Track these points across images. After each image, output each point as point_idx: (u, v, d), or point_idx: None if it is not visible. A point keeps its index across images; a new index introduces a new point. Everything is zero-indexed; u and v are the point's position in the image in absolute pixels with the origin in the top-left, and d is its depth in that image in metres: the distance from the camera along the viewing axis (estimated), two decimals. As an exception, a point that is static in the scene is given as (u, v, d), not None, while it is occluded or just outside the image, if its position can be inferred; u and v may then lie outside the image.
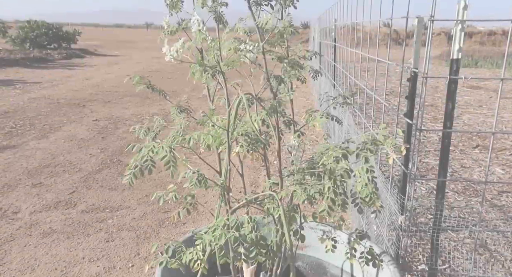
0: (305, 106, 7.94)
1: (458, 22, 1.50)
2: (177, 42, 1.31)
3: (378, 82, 10.45)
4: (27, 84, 9.81)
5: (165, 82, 10.82)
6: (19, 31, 19.23)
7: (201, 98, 8.39)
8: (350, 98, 1.68)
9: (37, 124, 6.10)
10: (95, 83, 10.38)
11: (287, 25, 1.13)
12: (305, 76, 1.49)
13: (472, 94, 9.26)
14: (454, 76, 1.56)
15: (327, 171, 1.16)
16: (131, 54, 21.05)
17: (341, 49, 4.96)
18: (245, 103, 1.08)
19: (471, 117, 6.85)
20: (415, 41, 1.67)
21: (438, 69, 14.92)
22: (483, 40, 29.59)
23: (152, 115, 6.81)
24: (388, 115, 6.73)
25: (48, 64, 14.61)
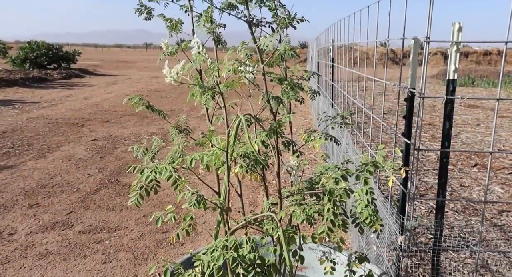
0: (304, 125, 7.98)
1: (453, 44, 1.52)
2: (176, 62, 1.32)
3: (376, 101, 10.54)
4: (26, 104, 9.84)
5: (164, 101, 10.88)
6: (20, 52, 19.40)
7: (199, 117, 8.42)
8: (349, 118, 1.69)
9: (35, 144, 6.09)
10: (94, 102, 10.42)
11: (288, 48, 1.14)
12: (303, 97, 1.50)
13: (469, 113, 9.31)
14: (451, 96, 1.58)
15: (326, 191, 1.16)
16: (130, 73, 21.20)
17: (339, 68, 5.01)
18: (244, 124, 1.08)
19: (469, 136, 6.87)
20: (411, 61, 1.69)
21: (436, 88, 15.05)
22: (479, 60, 29.99)
23: (150, 135, 6.83)
24: (386, 134, 6.75)
25: (47, 84, 14.68)
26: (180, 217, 1.45)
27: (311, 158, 5.34)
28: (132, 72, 22.08)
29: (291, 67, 1.69)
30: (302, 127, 7.75)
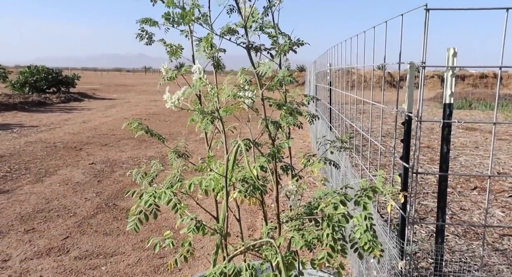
0: (302, 148, 7.98)
1: (448, 68, 1.54)
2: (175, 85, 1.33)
3: (374, 124, 10.58)
4: (24, 128, 9.85)
5: (162, 124, 10.91)
6: (19, 76, 19.55)
7: (198, 140, 8.42)
8: (347, 142, 1.70)
9: (33, 168, 6.07)
10: (92, 126, 10.44)
11: (287, 74, 1.16)
12: (301, 122, 1.51)
13: (467, 135, 9.35)
14: (448, 120, 1.59)
15: (325, 217, 1.15)
16: (129, 97, 21.33)
17: (337, 92, 5.05)
18: (243, 150, 1.09)
19: (468, 159, 6.87)
20: (408, 86, 1.71)
21: (433, 110, 15.15)
22: (476, 83, 30.32)
23: (149, 158, 6.82)
24: (385, 157, 6.75)
25: (46, 108, 14.74)
26: (178, 242, 1.43)
27: (310, 182, 5.32)
28: (131, 96, 22.21)
29: (291, 90, 1.71)
30: (300, 150, 7.75)
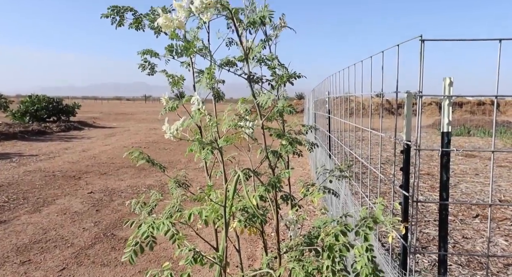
0: (302, 176, 7.95)
1: (445, 97, 1.56)
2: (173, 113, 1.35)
3: (373, 151, 10.59)
4: (23, 157, 9.84)
5: (162, 153, 10.91)
6: (20, 105, 19.69)
7: (197, 168, 8.40)
8: (347, 170, 1.70)
9: (31, 197, 6.02)
10: (92, 155, 10.43)
11: (286, 105, 1.18)
12: (301, 150, 1.51)
13: (467, 162, 9.34)
14: (446, 148, 1.60)
15: (325, 247, 1.14)
16: (128, 125, 21.42)
17: (336, 119, 5.08)
18: (242, 180, 1.09)
19: (469, 186, 6.84)
20: (405, 114, 1.72)
21: (432, 137, 15.19)
22: (473, 110, 30.53)
23: (148, 187, 6.78)
24: (385, 184, 6.72)
25: (46, 137, 14.77)
26: (177, 273, 1.41)
27: (310, 210, 5.28)
28: (130, 124, 22.31)
29: (289, 119, 1.72)
30: (300, 177, 7.73)
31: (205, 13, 1.13)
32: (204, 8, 1.08)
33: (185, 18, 1.13)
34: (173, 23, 1.11)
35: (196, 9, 1.09)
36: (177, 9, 1.13)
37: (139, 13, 1.85)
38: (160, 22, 1.12)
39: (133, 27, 1.84)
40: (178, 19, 1.12)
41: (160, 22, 1.13)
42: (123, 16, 1.83)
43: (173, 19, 1.12)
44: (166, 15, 1.11)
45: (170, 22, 1.11)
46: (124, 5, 1.85)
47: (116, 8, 1.82)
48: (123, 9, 1.82)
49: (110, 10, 1.82)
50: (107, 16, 1.82)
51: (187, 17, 1.14)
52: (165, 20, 1.10)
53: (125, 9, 1.83)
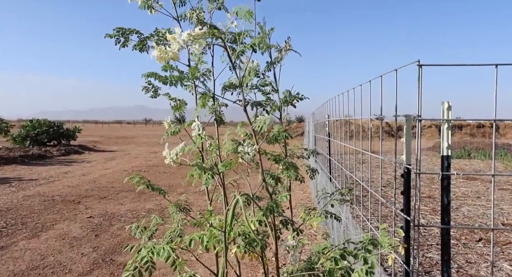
0: (303, 199, 7.91)
1: (444, 121, 1.58)
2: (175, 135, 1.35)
3: (374, 174, 10.55)
4: (23, 182, 9.80)
5: (162, 176, 10.88)
6: (21, 130, 19.74)
7: (197, 192, 8.36)
8: (347, 194, 1.70)
9: (29, 222, 5.97)
10: (91, 179, 10.40)
11: (281, 130, 1.19)
12: (302, 176, 1.51)
13: (468, 185, 9.30)
14: (446, 172, 1.60)
15: (326, 272, 1.12)
16: (129, 149, 21.42)
17: (336, 142, 5.09)
18: (241, 205, 1.09)
19: (470, 209, 6.79)
20: (405, 138, 1.73)
21: (433, 160, 15.17)
22: (473, 132, 30.57)
23: (148, 211, 6.73)
24: (386, 207, 6.67)
25: (46, 161, 14.76)
26: (176, 302, 1.38)
27: (311, 234, 5.23)
28: (131, 148, 22.32)
29: (291, 143, 1.73)
30: (301, 200, 7.68)
31: (195, 44, 1.15)
32: (193, 40, 1.10)
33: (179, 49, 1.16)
34: (167, 55, 1.13)
35: (184, 42, 1.11)
36: (171, 42, 1.15)
37: (144, 36, 1.89)
38: (155, 55, 1.14)
39: (137, 49, 1.88)
40: (172, 51, 1.14)
41: (154, 54, 1.15)
42: (127, 37, 1.86)
43: (168, 51, 1.14)
44: (160, 47, 1.14)
45: (164, 54, 1.13)
46: (130, 27, 1.89)
47: (122, 29, 1.86)
48: (128, 31, 1.86)
49: (115, 31, 1.86)
50: (111, 36, 1.85)
51: (180, 49, 1.16)
52: (159, 52, 1.12)
53: (130, 31, 1.86)
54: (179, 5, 1.95)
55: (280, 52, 1.64)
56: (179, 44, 1.13)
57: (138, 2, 1.78)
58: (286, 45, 1.65)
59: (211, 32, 1.13)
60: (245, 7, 1.13)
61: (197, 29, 1.11)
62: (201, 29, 1.21)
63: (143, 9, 1.78)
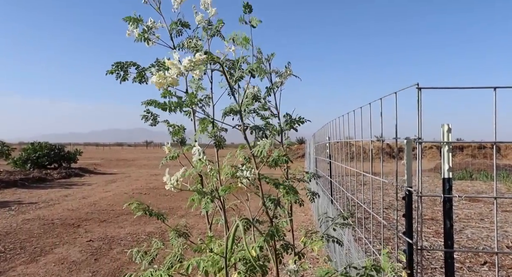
0: (304, 222, 7.83)
1: (444, 144, 1.58)
2: (174, 159, 1.35)
3: (375, 195, 10.49)
4: (22, 205, 9.75)
5: (162, 199, 10.81)
6: (22, 153, 19.75)
7: (198, 215, 8.29)
8: (349, 218, 1.68)
9: (28, 247, 5.91)
10: (91, 201, 10.34)
11: (281, 154, 1.19)
12: (303, 199, 1.51)
13: (471, 207, 9.22)
14: (448, 194, 1.59)
15: (330, 298, 1.11)
16: (129, 171, 21.37)
17: (337, 164, 5.08)
18: (241, 230, 1.08)
19: (474, 232, 6.72)
20: (406, 161, 1.73)
21: (434, 181, 15.09)
22: (474, 153, 30.46)
23: (148, 234, 6.67)
24: (388, 230, 6.60)
25: (46, 184, 14.71)
26: None
27: (312, 257, 5.15)
28: (131, 170, 22.27)
29: (292, 165, 1.73)
30: (302, 223, 7.61)
31: (195, 70, 1.17)
32: (193, 66, 1.11)
33: (177, 75, 1.17)
34: (166, 80, 1.15)
35: (185, 68, 1.13)
36: (170, 67, 1.17)
37: (141, 67, 1.92)
38: (154, 80, 1.16)
39: (136, 81, 1.90)
40: (171, 76, 1.15)
41: (153, 80, 1.16)
42: (127, 71, 1.89)
43: (166, 77, 1.16)
44: (159, 73, 1.15)
45: (163, 80, 1.14)
46: (127, 61, 1.92)
47: (120, 64, 1.88)
48: (126, 65, 1.88)
49: (114, 66, 1.88)
50: (111, 72, 1.88)
51: (179, 75, 1.18)
52: (158, 78, 1.14)
53: (128, 64, 1.89)
54: (176, 35, 1.99)
55: (280, 77, 1.66)
56: (178, 69, 1.14)
57: (135, 36, 1.81)
58: (287, 70, 1.66)
59: (210, 58, 1.15)
60: (242, 33, 1.14)
61: (198, 55, 1.12)
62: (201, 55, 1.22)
63: (139, 41, 1.81)
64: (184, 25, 2.05)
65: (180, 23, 2.04)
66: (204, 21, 1.94)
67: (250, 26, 1.21)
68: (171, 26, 2.00)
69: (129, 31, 1.91)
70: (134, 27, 1.90)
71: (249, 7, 1.19)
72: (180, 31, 2.06)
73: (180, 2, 1.98)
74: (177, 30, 2.04)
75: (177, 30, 2.04)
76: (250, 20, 1.21)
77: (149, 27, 1.94)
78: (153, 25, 1.96)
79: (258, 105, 1.55)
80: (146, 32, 1.92)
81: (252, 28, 1.21)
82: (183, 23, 2.05)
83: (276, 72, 1.72)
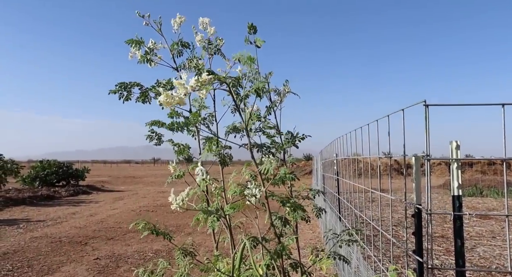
0: (312, 239, 7.75)
1: (453, 161, 1.56)
2: (179, 178, 1.35)
3: (384, 212, 10.39)
4: (30, 223, 9.77)
5: (169, 216, 10.78)
6: (31, 171, 19.87)
7: (204, 232, 8.23)
8: (358, 234, 1.66)
9: (36, 265, 5.89)
10: (99, 219, 10.33)
11: (287, 172, 1.18)
12: (309, 216, 1.49)
13: (483, 224, 9.07)
14: (458, 212, 1.56)
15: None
16: (137, 189, 21.39)
17: (344, 181, 5.04)
18: (248, 249, 1.07)
19: (486, 250, 6.59)
20: (414, 178, 1.71)
21: (444, 198, 14.92)
22: (484, 169, 30.05)
23: (155, 252, 6.63)
24: (398, 248, 6.50)
25: (54, 202, 14.75)
26: None
27: (320, 275, 5.08)
28: (139, 187, 22.30)
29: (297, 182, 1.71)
30: (310, 240, 7.53)
31: (202, 90, 1.18)
32: (200, 86, 1.13)
33: (185, 95, 1.18)
34: (173, 100, 1.16)
35: (192, 88, 1.14)
36: (177, 87, 1.18)
37: (145, 87, 1.94)
38: (161, 100, 1.17)
39: (140, 101, 1.92)
40: (178, 96, 1.16)
41: (161, 99, 1.17)
42: (130, 91, 1.91)
43: (174, 96, 1.17)
44: (166, 92, 1.16)
45: (171, 99, 1.15)
46: (131, 81, 1.94)
47: (124, 84, 1.91)
48: (130, 85, 1.91)
49: (117, 86, 1.91)
50: (115, 92, 1.90)
51: (186, 94, 1.19)
52: (165, 98, 1.15)
53: (132, 85, 1.91)
54: (177, 56, 2.01)
55: (279, 95, 1.66)
56: (185, 89, 1.15)
57: (138, 57, 1.84)
58: (285, 88, 1.67)
59: (217, 77, 1.16)
60: (246, 53, 1.16)
61: (204, 75, 1.14)
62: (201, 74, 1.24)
63: (142, 63, 1.84)
64: (184, 45, 2.08)
65: (180, 44, 2.07)
66: (204, 40, 1.97)
67: (255, 46, 1.22)
68: (172, 46, 2.04)
69: (132, 53, 1.95)
70: (137, 49, 1.93)
71: (253, 28, 1.21)
72: (181, 51, 2.09)
73: (180, 23, 2.01)
74: (178, 51, 2.07)
75: (178, 50, 2.07)
76: (254, 40, 1.22)
77: (151, 49, 1.97)
78: (154, 46, 1.99)
79: (260, 124, 1.56)
80: (148, 54, 1.95)
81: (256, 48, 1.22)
82: (184, 43, 2.09)
83: (275, 90, 1.73)
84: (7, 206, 12.79)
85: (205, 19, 1.89)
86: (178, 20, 1.99)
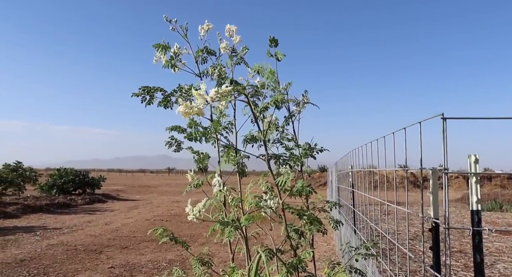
0: (326, 251, 7.66)
1: (471, 175, 1.54)
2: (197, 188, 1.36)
3: (400, 226, 10.23)
4: (47, 230, 9.89)
5: (183, 226, 10.79)
6: (49, 179, 20.17)
7: (219, 243, 8.22)
8: (373, 248, 1.64)
9: (51, 272, 5.95)
10: (114, 228, 10.41)
11: (305, 184, 1.19)
12: (325, 228, 1.49)
13: (502, 240, 8.86)
14: (477, 227, 1.54)
15: None
16: (151, 198, 21.50)
17: (360, 193, 4.99)
18: (264, 261, 1.07)
19: (507, 266, 6.42)
20: (432, 191, 1.69)
21: (462, 212, 14.62)
22: (504, 184, 29.37)
23: (169, 262, 6.63)
24: (414, 262, 6.38)
25: (70, 210, 14.92)
26: None
27: (336, 289, 5.01)
28: (153, 197, 22.41)
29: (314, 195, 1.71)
30: (324, 253, 7.45)
31: (221, 101, 1.19)
32: (219, 98, 1.14)
33: (203, 105, 1.20)
34: (192, 111, 1.17)
35: (211, 99, 1.15)
36: (196, 98, 1.20)
37: (168, 92, 1.96)
38: (181, 110, 1.18)
39: (161, 105, 1.95)
40: (197, 106, 1.18)
41: (180, 109, 1.19)
42: (153, 95, 1.94)
43: (193, 107, 1.18)
44: (186, 103, 1.18)
45: (190, 109, 1.17)
46: (154, 86, 1.97)
47: (147, 88, 1.94)
48: (153, 89, 1.94)
49: (141, 90, 1.94)
50: (137, 95, 1.93)
51: (205, 104, 1.20)
52: (185, 108, 1.17)
53: (155, 89, 1.94)
54: (201, 63, 2.03)
55: (298, 106, 1.67)
56: (204, 99, 1.17)
57: (162, 62, 1.87)
58: (304, 98, 1.68)
59: (236, 89, 1.18)
60: (267, 65, 1.17)
61: (224, 87, 1.15)
62: (222, 84, 1.25)
63: (166, 68, 1.86)
64: (210, 52, 2.10)
65: (206, 51, 2.09)
66: (229, 48, 1.99)
67: (276, 59, 1.24)
68: (197, 53, 2.06)
69: (157, 57, 1.97)
70: (162, 53, 1.96)
71: (275, 41, 1.22)
72: (206, 58, 2.11)
73: (207, 30, 2.04)
74: (203, 58, 2.09)
75: (202, 57, 2.09)
76: (275, 53, 1.24)
77: (176, 54, 1.99)
78: (179, 51, 2.02)
79: (278, 134, 1.57)
80: (173, 59, 1.97)
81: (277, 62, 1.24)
82: (209, 50, 2.11)
83: (294, 100, 1.74)
84: (25, 213, 12.99)
85: (232, 27, 1.92)
86: (206, 27, 2.02)
